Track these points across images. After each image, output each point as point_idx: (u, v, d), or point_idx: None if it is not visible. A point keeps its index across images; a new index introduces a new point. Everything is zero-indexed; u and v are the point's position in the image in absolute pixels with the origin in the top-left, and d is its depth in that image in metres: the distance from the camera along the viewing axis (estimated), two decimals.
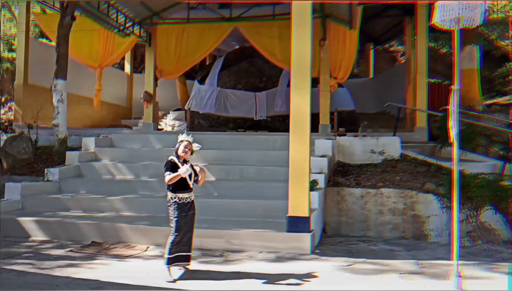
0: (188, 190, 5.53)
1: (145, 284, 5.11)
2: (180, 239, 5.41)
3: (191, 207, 5.53)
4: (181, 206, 5.48)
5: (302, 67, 6.74)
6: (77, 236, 7.15)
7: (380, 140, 9.64)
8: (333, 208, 8.27)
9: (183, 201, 5.49)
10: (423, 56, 12.43)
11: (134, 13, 13.85)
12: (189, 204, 5.52)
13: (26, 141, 10.81)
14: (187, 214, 5.49)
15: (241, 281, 5.27)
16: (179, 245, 5.42)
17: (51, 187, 9.23)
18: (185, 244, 5.44)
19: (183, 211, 5.47)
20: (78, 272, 5.51)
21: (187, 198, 5.51)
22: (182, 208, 5.48)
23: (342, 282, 5.32)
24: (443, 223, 7.76)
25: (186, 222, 5.47)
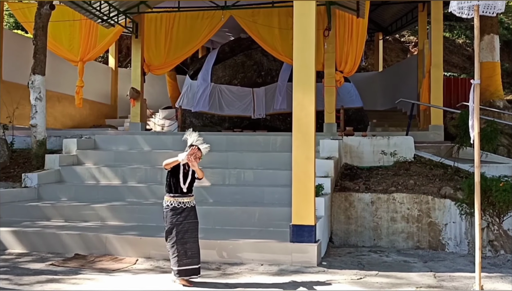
0: (182, 194, 5.53)
1: None
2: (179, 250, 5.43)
3: (188, 214, 5.54)
4: (172, 213, 5.50)
5: (305, 60, 6.73)
6: (58, 248, 7.12)
7: (391, 141, 9.65)
8: (340, 215, 8.27)
9: (175, 205, 5.50)
10: (439, 47, 12.43)
11: (119, 1, 13.82)
12: (183, 210, 5.52)
13: (1, 143, 10.78)
14: (182, 222, 5.49)
15: None
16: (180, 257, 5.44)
17: (29, 193, 9.20)
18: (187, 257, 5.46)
19: (175, 218, 5.49)
20: (60, 288, 5.49)
21: (179, 203, 5.52)
22: (174, 215, 5.50)
23: None
24: (462, 231, 7.77)
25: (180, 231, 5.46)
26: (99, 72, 18.65)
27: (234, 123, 15.23)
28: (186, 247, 5.48)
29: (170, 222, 5.55)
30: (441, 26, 12.72)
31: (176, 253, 5.47)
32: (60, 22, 13.78)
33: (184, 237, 5.49)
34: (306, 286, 5.63)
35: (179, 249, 5.46)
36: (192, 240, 5.54)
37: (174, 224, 5.52)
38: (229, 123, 15.26)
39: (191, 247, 5.51)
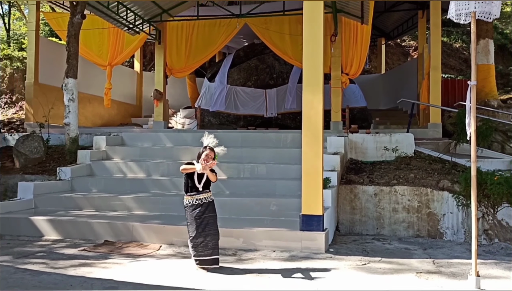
0: (198, 192, 5.55)
1: (158, 284, 5.13)
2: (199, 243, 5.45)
3: (206, 209, 5.54)
4: (192, 209, 5.51)
5: (314, 63, 6.70)
6: (89, 235, 7.19)
7: (393, 137, 9.58)
8: (346, 206, 8.23)
9: (193, 202, 5.51)
10: (437, 51, 12.28)
11: (144, 11, 13.89)
12: (201, 206, 5.53)
13: (38, 140, 10.90)
14: (201, 216, 5.49)
15: (255, 280, 5.26)
16: (199, 248, 5.45)
17: (63, 186, 9.31)
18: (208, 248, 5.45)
19: (194, 214, 5.49)
20: (91, 271, 5.54)
21: (196, 200, 5.52)
22: (193, 210, 5.51)
23: (357, 281, 5.29)
24: (459, 221, 7.70)
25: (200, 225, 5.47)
26: (126, 76, 18.74)
27: (248, 121, 15.22)
28: (207, 239, 5.48)
29: (191, 217, 5.55)
30: (440, 32, 12.56)
31: (198, 245, 5.46)
32: (90, 30, 13.89)
33: (205, 230, 5.49)
34: (314, 271, 5.61)
35: (201, 241, 5.46)
36: (213, 232, 5.53)
37: (194, 219, 5.52)
38: (243, 121, 15.25)
39: (211, 239, 5.50)
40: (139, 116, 18.90)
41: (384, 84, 19.36)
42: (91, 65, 15.36)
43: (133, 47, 15.44)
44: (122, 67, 18.28)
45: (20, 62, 17.59)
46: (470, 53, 5.42)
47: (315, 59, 6.69)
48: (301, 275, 5.46)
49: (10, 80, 17.42)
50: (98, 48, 14.92)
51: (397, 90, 17.22)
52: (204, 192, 5.61)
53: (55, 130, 12.15)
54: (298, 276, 5.43)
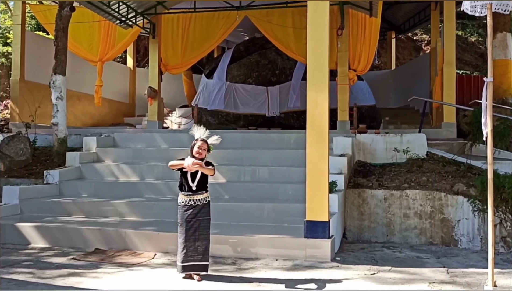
0: (193, 192, 5.54)
1: None
2: (188, 246, 5.44)
3: (199, 212, 5.53)
4: (184, 209, 5.52)
5: (319, 59, 6.70)
6: (79, 242, 7.20)
7: (404, 138, 9.58)
8: (353, 211, 8.24)
9: (186, 202, 5.52)
10: (451, 45, 12.29)
11: (137, 3, 13.92)
12: (194, 207, 5.52)
13: (24, 141, 10.92)
14: (192, 219, 5.49)
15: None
16: (188, 253, 5.45)
17: (51, 190, 9.32)
18: (198, 253, 5.46)
19: (186, 215, 5.51)
20: (81, 281, 5.55)
21: (190, 200, 5.52)
22: (185, 211, 5.51)
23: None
24: (475, 228, 7.69)
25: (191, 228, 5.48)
26: (118, 72, 18.79)
27: (249, 121, 15.24)
28: (197, 244, 5.48)
29: (181, 218, 5.57)
30: (454, 25, 12.57)
31: (185, 249, 5.46)
32: (80, 23, 13.91)
33: (195, 234, 5.49)
34: (320, 281, 5.61)
35: (189, 245, 5.46)
36: (203, 236, 5.52)
37: (184, 221, 5.53)
38: (244, 121, 15.27)
39: (202, 244, 5.50)
40: (132, 115, 18.94)
41: (394, 81, 19.37)
42: (81, 61, 15.39)
43: (126, 42, 15.46)
44: (113, 63, 18.31)
45: (4, 58, 17.63)
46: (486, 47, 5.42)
47: (320, 54, 6.70)
48: (306, 285, 5.47)
49: None
50: (88, 42, 14.95)
51: (408, 88, 17.23)
52: (199, 193, 5.58)
53: (42, 131, 12.17)
54: (302, 286, 5.43)
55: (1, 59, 17.72)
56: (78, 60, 15.18)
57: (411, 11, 18.34)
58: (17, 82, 13.85)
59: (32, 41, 14.61)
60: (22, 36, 14.01)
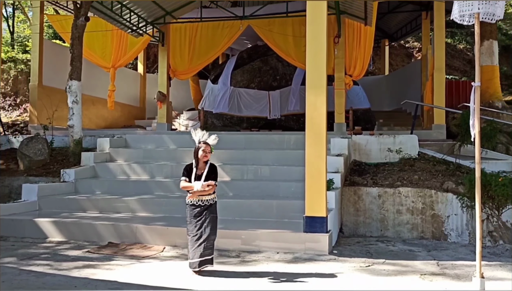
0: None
1: (162, 285, 5.14)
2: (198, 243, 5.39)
3: (207, 210, 5.50)
4: (192, 208, 5.49)
5: (317, 65, 6.70)
6: (93, 236, 7.22)
7: (397, 139, 9.57)
8: (349, 207, 8.23)
9: (194, 202, 5.49)
10: (441, 52, 12.27)
11: (147, 13, 13.94)
12: (202, 206, 5.50)
13: (42, 142, 10.94)
14: (199, 217, 5.46)
15: (259, 282, 5.27)
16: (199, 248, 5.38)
17: (67, 187, 9.34)
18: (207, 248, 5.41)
19: (194, 213, 5.47)
20: (95, 273, 5.56)
21: (198, 200, 5.50)
22: (193, 210, 5.48)
23: (361, 283, 5.29)
24: (463, 223, 7.68)
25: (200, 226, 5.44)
26: (129, 78, 18.80)
27: (251, 123, 15.23)
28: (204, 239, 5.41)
29: (190, 216, 5.51)
30: (443, 33, 12.56)
31: (196, 245, 5.39)
32: (94, 32, 13.94)
33: (204, 231, 5.41)
34: (318, 273, 5.61)
35: (199, 242, 5.39)
36: (210, 232, 5.46)
37: (194, 218, 5.47)
38: (247, 123, 15.26)
39: (209, 239, 5.44)
40: (143, 118, 18.95)
41: (387, 85, 19.33)
42: (95, 67, 15.42)
43: (137, 49, 15.49)
44: (125, 70, 18.33)
45: (24, 65, 17.68)
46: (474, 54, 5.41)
47: (319, 60, 6.70)
48: (305, 277, 5.46)
49: (14, 83, 17.51)
50: (102, 50, 14.98)
51: (401, 92, 17.20)
52: (206, 194, 5.56)
53: (59, 133, 12.20)
54: (302, 278, 5.43)
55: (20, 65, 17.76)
56: (92, 67, 15.22)
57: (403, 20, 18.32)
58: (35, 87, 13.88)
59: (50, 49, 14.64)
60: (40, 44, 14.04)
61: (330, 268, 5.83)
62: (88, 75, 14.13)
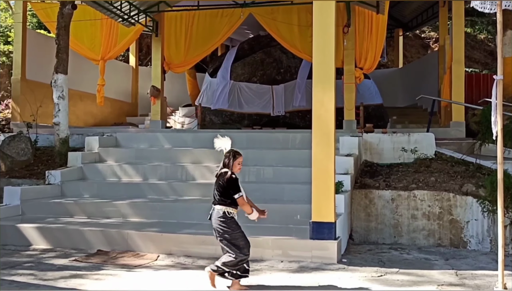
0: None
1: None
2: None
3: None
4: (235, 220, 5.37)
5: (325, 57, 6.70)
6: (81, 244, 7.23)
7: (411, 137, 9.56)
8: (360, 212, 8.23)
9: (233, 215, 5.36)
10: (460, 43, 12.25)
11: (139, 1, 13.95)
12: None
13: (25, 141, 10.97)
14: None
15: None
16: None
17: (53, 190, 9.36)
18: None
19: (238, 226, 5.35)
20: (83, 283, 5.57)
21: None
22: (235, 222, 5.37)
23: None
24: (484, 229, 7.67)
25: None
26: (120, 71, 18.83)
27: (253, 120, 15.24)
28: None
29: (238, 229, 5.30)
30: (463, 22, 12.53)
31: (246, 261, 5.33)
32: (81, 21, 13.95)
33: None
34: (326, 284, 5.61)
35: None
36: None
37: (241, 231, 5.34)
38: (248, 120, 15.28)
39: None
40: (135, 115, 18.98)
41: (402, 79, 19.34)
42: (83, 59, 15.44)
43: (128, 40, 15.50)
44: (116, 62, 18.36)
45: (5, 57, 17.70)
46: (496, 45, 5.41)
47: (326, 52, 6.69)
48: (312, 288, 5.46)
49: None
50: (90, 41, 14.99)
51: (416, 86, 17.20)
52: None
53: (44, 131, 12.22)
54: (308, 289, 5.43)
55: (2, 58, 17.79)
56: (80, 59, 15.23)
57: (418, 8, 18.31)
58: (18, 81, 13.91)
59: (33, 40, 14.67)
60: (23, 35, 14.07)
61: (339, 278, 5.83)
62: (76, 68, 14.15)
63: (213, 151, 9.62)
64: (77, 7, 11.43)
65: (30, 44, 14.25)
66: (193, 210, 8.15)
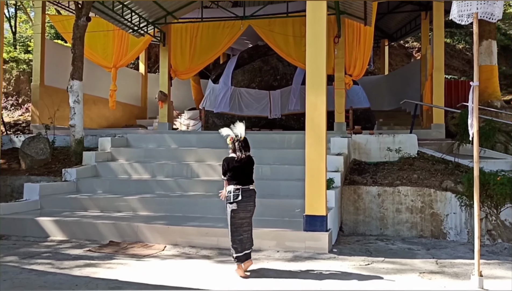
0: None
1: (163, 284, 5.14)
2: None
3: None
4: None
5: (317, 65, 6.70)
6: (95, 235, 7.22)
7: (396, 138, 9.57)
8: (349, 206, 8.23)
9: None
10: (440, 52, 12.26)
11: (148, 13, 13.94)
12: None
13: (44, 142, 10.95)
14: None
15: (260, 281, 5.27)
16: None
17: (69, 187, 9.34)
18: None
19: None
20: (96, 271, 5.56)
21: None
22: None
23: (361, 281, 5.29)
24: (462, 222, 7.68)
25: None
26: (131, 77, 18.80)
27: (252, 123, 15.22)
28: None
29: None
30: (443, 33, 12.54)
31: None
32: (95, 32, 13.94)
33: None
34: (318, 271, 5.61)
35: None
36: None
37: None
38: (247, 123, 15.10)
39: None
40: (144, 117, 18.95)
41: (387, 85, 19.33)
42: (96, 67, 15.43)
43: (138, 49, 15.50)
44: (127, 69, 18.34)
45: (26, 65, 17.69)
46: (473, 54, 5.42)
47: (319, 60, 6.70)
48: (305, 275, 5.47)
49: (17, 83, 17.52)
50: (103, 50, 14.99)
51: (400, 91, 17.19)
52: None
53: (61, 132, 12.20)
54: (302, 276, 5.43)
55: (22, 65, 17.77)
56: (93, 67, 15.22)
57: (402, 20, 18.31)
58: (37, 87, 13.89)
59: (51, 49, 14.64)
60: (42, 45, 14.04)
61: (330, 266, 5.83)
62: (90, 75, 14.14)
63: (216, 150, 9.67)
64: (91, 19, 11.41)
65: (48, 53, 14.23)
66: (197, 204, 8.16)
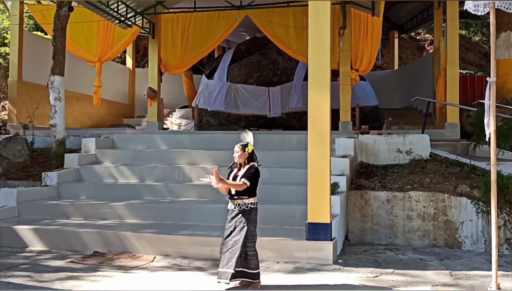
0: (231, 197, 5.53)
1: None
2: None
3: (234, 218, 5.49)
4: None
5: (320, 59, 6.72)
6: (77, 245, 7.21)
7: (407, 139, 9.58)
8: (356, 213, 8.24)
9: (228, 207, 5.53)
10: (454, 45, 12.29)
11: (136, 2, 13.93)
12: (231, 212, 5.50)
13: (22, 143, 10.94)
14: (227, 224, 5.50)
15: None
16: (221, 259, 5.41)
17: (49, 192, 9.33)
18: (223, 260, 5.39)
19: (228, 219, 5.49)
20: (79, 285, 5.56)
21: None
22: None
23: None
24: (479, 230, 7.69)
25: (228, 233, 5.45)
26: (117, 73, 18.79)
27: (250, 122, 15.23)
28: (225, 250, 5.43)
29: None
30: (457, 24, 12.57)
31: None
32: (78, 23, 13.92)
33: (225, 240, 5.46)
34: (322, 284, 5.61)
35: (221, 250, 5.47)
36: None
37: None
38: (245, 122, 15.27)
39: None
40: (132, 116, 18.94)
41: (397, 81, 19.36)
42: (79, 61, 15.40)
43: (125, 42, 15.47)
44: (113, 64, 18.32)
45: (2, 59, 17.67)
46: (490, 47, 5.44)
47: (322, 54, 6.71)
48: (307, 288, 5.47)
49: None
50: (87, 43, 14.96)
51: (411, 88, 17.22)
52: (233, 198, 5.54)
53: (40, 132, 12.18)
54: (304, 289, 5.43)
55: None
56: (76, 61, 15.20)
57: (413, 10, 18.34)
58: (14, 83, 13.87)
59: (30, 42, 14.63)
60: (20, 36, 14.03)
61: (334, 278, 5.84)
62: (72, 70, 14.13)
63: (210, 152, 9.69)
64: (74, 9, 11.39)
65: (26, 46, 14.22)
66: (190, 211, 8.16)
